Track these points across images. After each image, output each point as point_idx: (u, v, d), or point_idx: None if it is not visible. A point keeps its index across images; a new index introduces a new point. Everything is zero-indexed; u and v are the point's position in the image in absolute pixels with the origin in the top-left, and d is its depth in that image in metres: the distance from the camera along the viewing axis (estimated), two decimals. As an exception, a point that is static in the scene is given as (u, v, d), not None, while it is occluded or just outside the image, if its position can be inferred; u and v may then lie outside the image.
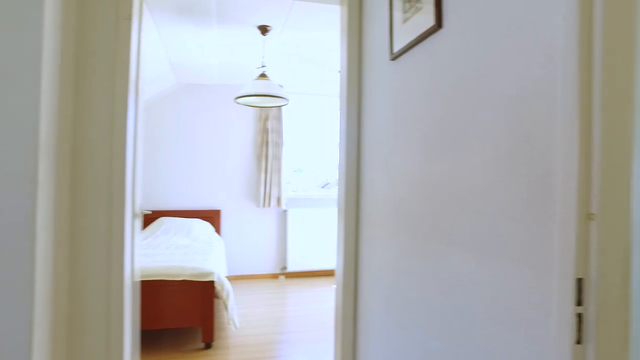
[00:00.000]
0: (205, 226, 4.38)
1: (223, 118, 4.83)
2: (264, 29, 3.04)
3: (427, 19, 1.22)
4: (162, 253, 3.33)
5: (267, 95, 3.11)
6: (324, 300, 4.04)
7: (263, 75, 3.22)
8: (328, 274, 5.00)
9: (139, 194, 1.82)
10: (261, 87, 3.11)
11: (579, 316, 0.65)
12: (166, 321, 2.75)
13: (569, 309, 0.65)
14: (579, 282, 0.65)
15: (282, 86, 4.87)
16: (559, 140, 0.69)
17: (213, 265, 3.00)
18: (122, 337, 1.59)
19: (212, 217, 4.73)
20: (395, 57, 1.45)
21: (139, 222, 1.86)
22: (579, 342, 0.65)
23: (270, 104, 3.52)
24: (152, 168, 4.64)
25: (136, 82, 1.74)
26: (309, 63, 3.98)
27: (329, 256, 4.96)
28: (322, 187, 5.38)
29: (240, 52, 3.67)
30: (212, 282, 2.78)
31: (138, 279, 1.92)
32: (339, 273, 1.92)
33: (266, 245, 4.94)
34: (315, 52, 3.63)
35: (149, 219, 4.45)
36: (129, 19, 1.64)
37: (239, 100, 3.33)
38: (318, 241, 4.97)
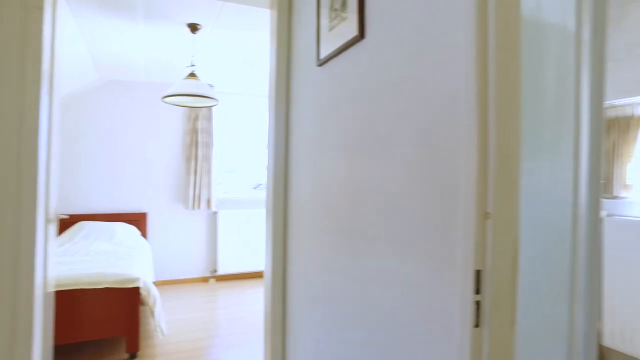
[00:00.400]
0: (130, 230, 4.16)
1: (150, 117, 4.62)
2: (193, 27, 2.97)
3: (351, 29, 1.29)
4: (81, 260, 3.11)
5: (196, 95, 3.04)
6: (256, 302, 4.02)
7: (192, 75, 3.14)
8: (260, 275, 4.98)
9: (54, 197, 1.70)
10: (190, 86, 3.03)
11: (477, 303, 0.73)
12: (86, 333, 2.58)
13: (469, 297, 0.73)
14: (478, 274, 0.73)
15: (212, 86, 4.77)
16: (461, 149, 0.77)
17: (138, 270, 2.86)
18: (31, 355, 1.47)
19: (137, 220, 4.51)
20: (321, 63, 1.50)
21: (53, 228, 1.73)
22: (477, 325, 0.73)
23: (200, 104, 3.44)
24: (72, 169, 4.31)
25: (50, 76, 1.62)
26: (241, 63, 3.94)
27: (261, 257, 4.94)
28: (254, 188, 5.34)
29: (169, 50, 3.55)
30: (137, 289, 2.66)
31: (52, 289, 1.79)
32: (267, 274, 1.93)
33: (196, 248, 4.81)
34: (247, 53, 3.61)
35: (67, 223, 4.13)
36: (39, 8, 1.53)
37: (167, 99, 3.22)
38: (250, 243, 4.93)
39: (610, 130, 2.75)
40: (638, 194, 2.63)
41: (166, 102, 3.30)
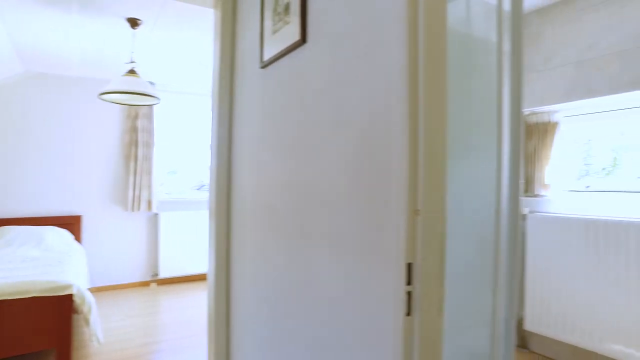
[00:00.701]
0: (62, 234, 3.91)
1: (85, 114, 4.37)
2: (133, 22, 2.86)
3: (293, 33, 1.32)
4: (4, 268, 2.89)
5: (136, 93, 2.93)
6: (200, 304, 3.94)
7: (132, 72, 3.02)
8: (204, 277, 4.87)
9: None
10: (129, 84, 2.92)
11: (409, 293, 0.79)
12: (9, 348, 2.39)
13: (401, 288, 0.79)
14: (409, 266, 0.79)
15: (153, 84, 4.61)
16: (394, 151, 0.83)
17: (71, 277, 2.71)
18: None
19: (71, 224, 4.24)
20: (265, 65, 1.52)
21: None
22: (408, 314, 0.79)
23: (140, 102, 3.32)
24: (-8, 169, 3.97)
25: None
26: (184, 61, 3.85)
27: (204, 259, 4.85)
28: (198, 189, 5.22)
29: (106, 44, 3.38)
30: (70, 296, 2.51)
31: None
32: (210, 275, 1.92)
33: (135, 251, 4.61)
34: (190, 51, 3.53)
35: (-14, 228, 3.80)
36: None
37: (104, 96, 3.07)
38: (193, 244, 4.81)
39: (531, 135, 3.01)
40: (555, 193, 2.91)
41: (103, 100, 3.15)
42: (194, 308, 3.86)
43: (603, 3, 2.65)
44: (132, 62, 3.13)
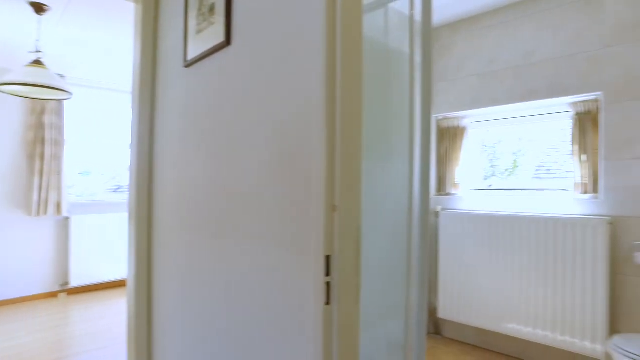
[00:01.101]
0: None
1: (-22, 108, 3.91)
2: (38, 8, 2.63)
3: (218, 35, 1.33)
4: None
5: (40, 86, 2.70)
6: (116, 312, 3.72)
7: (38, 62, 2.78)
8: (122, 284, 4.60)
9: None
10: (33, 75, 2.68)
11: (328, 284, 0.85)
12: None
13: (321, 279, 0.85)
14: (327, 259, 0.85)
15: (64, 77, 4.26)
16: (313, 151, 0.89)
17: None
18: None
19: (-40, 230, 3.77)
20: (188, 64, 1.50)
21: None
22: (327, 303, 0.85)
23: (47, 96, 3.06)
24: None
25: None
26: (100, 54, 3.61)
27: (123, 264, 4.58)
28: (114, 190, 4.92)
29: (6, 30, 3.07)
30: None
31: None
32: (130, 280, 1.84)
33: (40, 259, 4.22)
34: (106, 44, 3.33)
35: None
36: None
37: (3, 88, 2.79)
38: (109, 249, 4.53)
39: (443, 139, 3.28)
40: (464, 191, 3.20)
41: (2, 92, 2.85)
42: (109, 317, 3.64)
43: (501, 24, 2.97)
44: (37, 51, 2.88)
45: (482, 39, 3.06)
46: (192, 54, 1.48)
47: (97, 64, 3.88)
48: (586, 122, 2.60)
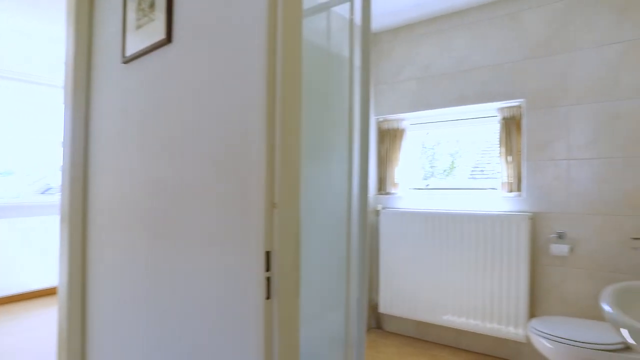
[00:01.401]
0: None
1: None
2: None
3: (159, 32, 1.31)
4: None
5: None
6: (44, 324, 3.48)
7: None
8: (50, 292, 4.31)
9: None
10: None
11: (268, 279, 0.88)
12: None
13: (261, 274, 0.88)
14: (268, 254, 0.88)
15: (-17, 68, 3.91)
16: (254, 151, 0.91)
17: None
18: None
19: None
20: (127, 60, 1.47)
21: None
22: (268, 297, 0.88)
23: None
24: None
25: None
26: (22, 41, 3.36)
27: (51, 270, 4.29)
28: (42, 192, 4.60)
29: None
30: None
31: None
32: (62, 288, 1.75)
33: (-42, 267, 3.85)
34: (34, 33, 3.11)
35: None
36: None
37: None
38: (36, 256, 4.22)
39: (384, 140, 3.41)
40: (403, 190, 3.35)
41: None
42: (37, 330, 3.40)
43: (437, 32, 3.15)
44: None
45: (420, 45, 3.23)
46: (131, 50, 1.45)
47: (19, 53, 3.62)
48: (511, 126, 2.83)
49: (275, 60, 0.91)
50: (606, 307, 0.99)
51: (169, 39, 1.27)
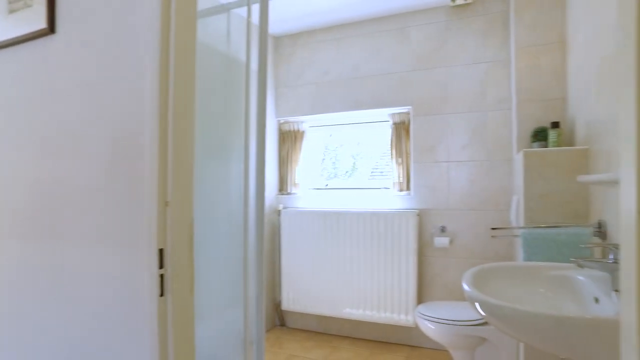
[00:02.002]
0: None
1: None
2: None
3: (38, 20, 1.22)
4: None
5: None
6: None
7: None
8: None
9: None
10: None
11: (161, 276, 0.89)
12: None
13: (155, 272, 0.88)
14: (161, 252, 0.89)
15: None
16: (147, 149, 0.91)
17: None
18: None
19: None
20: (-1, 49, 1.33)
21: None
22: (162, 294, 0.89)
23: None
24: None
25: None
26: None
27: None
28: None
29: None
30: None
31: None
32: None
33: None
34: None
35: None
36: None
37: None
38: None
39: (285, 141, 3.50)
40: (304, 190, 3.47)
41: None
42: None
43: (334, 40, 3.33)
44: None
45: (319, 51, 3.38)
46: (3, 36, 1.32)
47: None
48: (401, 131, 3.10)
49: (168, 57, 0.92)
50: (464, 287, 1.17)
51: (51, 29, 1.19)
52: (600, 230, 1.58)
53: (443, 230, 2.95)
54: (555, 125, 2.14)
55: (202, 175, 1.21)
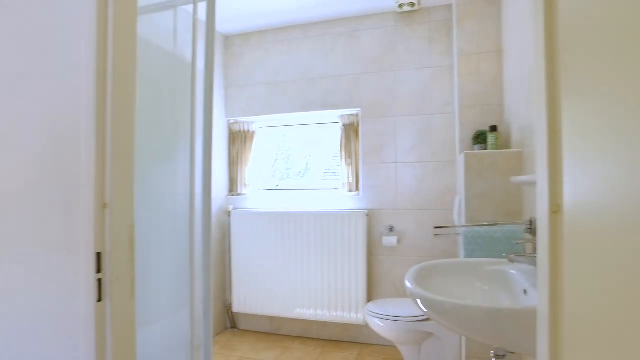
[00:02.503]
0: None
1: None
2: None
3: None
4: None
5: None
6: None
7: None
8: None
9: None
10: None
11: (99, 281, 0.86)
12: None
13: (92, 276, 0.85)
14: (98, 255, 0.85)
15: None
16: (83, 152, 0.88)
17: None
18: None
19: None
20: None
21: None
22: (100, 300, 0.86)
23: None
24: None
25: None
26: None
27: None
28: None
29: None
30: None
31: None
32: None
33: None
34: None
35: None
36: None
37: None
38: None
39: (236, 141, 3.46)
40: (255, 191, 3.44)
41: None
42: None
43: (285, 41, 3.34)
44: None
45: (270, 52, 3.37)
46: None
47: None
48: (351, 132, 3.16)
49: (106, 50, 0.89)
50: (407, 284, 1.21)
51: (-25, 20, 1.11)
52: (532, 227, 1.70)
53: (391, 229, 3.03)
54: (494, 129, 2.28)
55: (145, 175, 1.17)
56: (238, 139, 3.45)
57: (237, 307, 3.33)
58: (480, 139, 2.38)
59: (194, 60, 1.48)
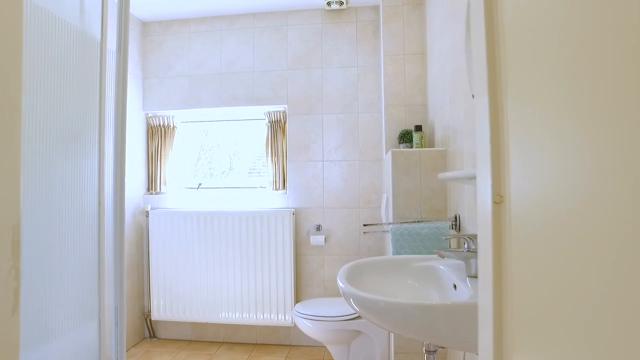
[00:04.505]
0: None
1: None
2: None
3: None
4: None
5: None
6: None
7: None
8: None
9: None
10: None
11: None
12: None
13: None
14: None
15: None
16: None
17: None
18: None
19: None
20: None
21: None
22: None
23: None
24: None
25: None
26: None
27: None
28: None
29: None
30: None
31: None
32: None
33: None
34: None
35: None
36: None
37: None
38: None
39: (154, 136, 3.21)
40: (176, 190, 3.22)
41: None
42: None
43: (208, 31, 3.16)
44: None
45: (192, 42, 3.18)
46: None
47: None
48: (277, 129, 3.08)
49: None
50: (339, 283, 1.17)
51: None
52: (456, 224, 1.76)
53: (318, 228, 3.01)
54: (419, 128, 2.34)
55: (40, 170, 0.99)
56: (157, 134, 3.20)
57: (156, 315, 3.08)
58: (405, 138, 2.44)
59: (102, 41, 1.31)
